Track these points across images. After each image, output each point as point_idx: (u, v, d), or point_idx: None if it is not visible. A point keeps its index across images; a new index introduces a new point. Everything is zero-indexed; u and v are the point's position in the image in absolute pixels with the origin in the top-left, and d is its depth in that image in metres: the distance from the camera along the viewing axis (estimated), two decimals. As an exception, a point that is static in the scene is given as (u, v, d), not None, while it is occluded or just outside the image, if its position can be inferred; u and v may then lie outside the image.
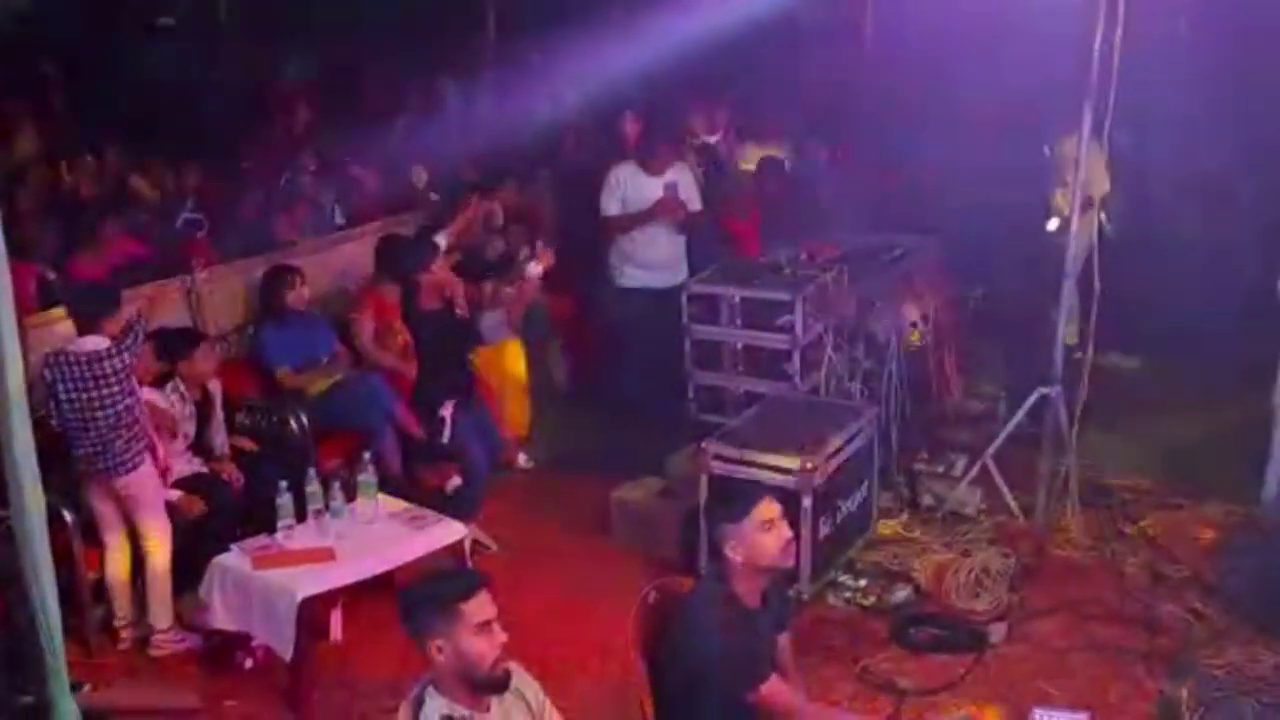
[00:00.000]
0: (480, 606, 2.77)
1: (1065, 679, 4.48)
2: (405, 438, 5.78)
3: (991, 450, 5.70)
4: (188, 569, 4.83)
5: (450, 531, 4.82)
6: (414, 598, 2.90)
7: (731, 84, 8.53)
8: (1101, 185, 6.59)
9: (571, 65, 7.63)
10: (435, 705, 2.78)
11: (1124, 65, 4.88)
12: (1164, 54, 6.06)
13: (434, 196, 7.38)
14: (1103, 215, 6.50)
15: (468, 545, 4.95)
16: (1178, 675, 4.42)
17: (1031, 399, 5.53)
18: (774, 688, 3.15)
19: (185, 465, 5.25)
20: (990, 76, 7.06)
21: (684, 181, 6.58)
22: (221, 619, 4.55)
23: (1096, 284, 5.15)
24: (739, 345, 5.96)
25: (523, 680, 2.99)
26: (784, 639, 3.46)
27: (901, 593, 5.15)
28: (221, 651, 4.79)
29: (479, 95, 8.98)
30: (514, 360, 6.64)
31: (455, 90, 9.12)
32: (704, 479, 5.09)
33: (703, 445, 5.22)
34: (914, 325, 5.93)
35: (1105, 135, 5.07)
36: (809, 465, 4.97)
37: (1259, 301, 5.67)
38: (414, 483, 5.70)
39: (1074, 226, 5.42)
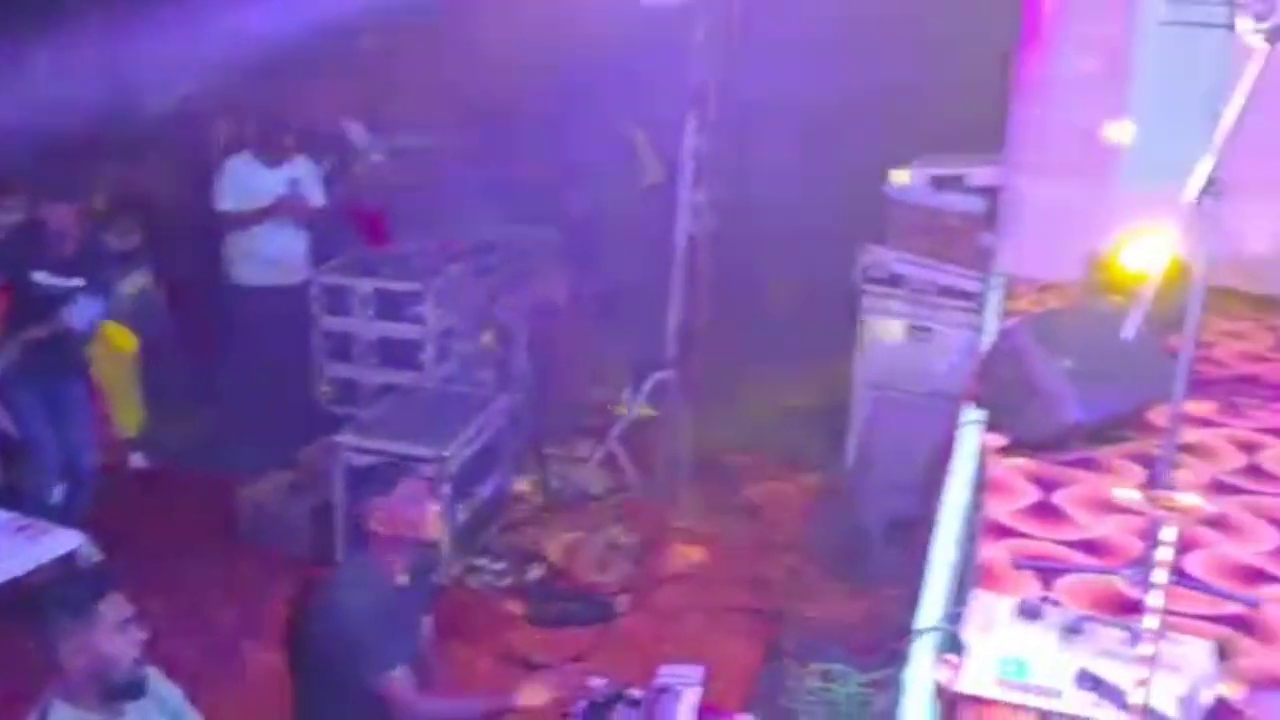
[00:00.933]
0: (116, 605, 2.66)
1: (685, 638, 4.87)
2: (5, 439, 5.29)
3: (615, 433, 6.07)
4: None
5: (63, 541, 4.49)
6: (45, 601, 2.72)
7: (362, 73, 8.39)
8: (654, 173, 7.21)
9: (184, 45, 7.21)
10: (62, 716, 2.63)
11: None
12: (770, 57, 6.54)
13: None
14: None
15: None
16: (780, 627, 4.94)
17: (648, 383, 5.94)
18: (396, 684, 3.14)
19: None
20: (600, 77, 7.42)
21: (305, 176, 6.29)
22: None
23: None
24: (372, 336, 5.96)
25: (160, 683, 2.89)
26: (427, 621, 3.54)
27: (535, 572, 5.39)
28: None
29: (77, 67, 8.24)
30: (122, 353, 6.22)
31: (47, 58, 8.31)
32: (339, 471, 5.08)
33: (336, 438, 5.20)
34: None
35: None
36: (444, 453, 5.08)
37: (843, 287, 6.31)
38: (17, 490, 5.23)
39: (683, 217, 5.86)
